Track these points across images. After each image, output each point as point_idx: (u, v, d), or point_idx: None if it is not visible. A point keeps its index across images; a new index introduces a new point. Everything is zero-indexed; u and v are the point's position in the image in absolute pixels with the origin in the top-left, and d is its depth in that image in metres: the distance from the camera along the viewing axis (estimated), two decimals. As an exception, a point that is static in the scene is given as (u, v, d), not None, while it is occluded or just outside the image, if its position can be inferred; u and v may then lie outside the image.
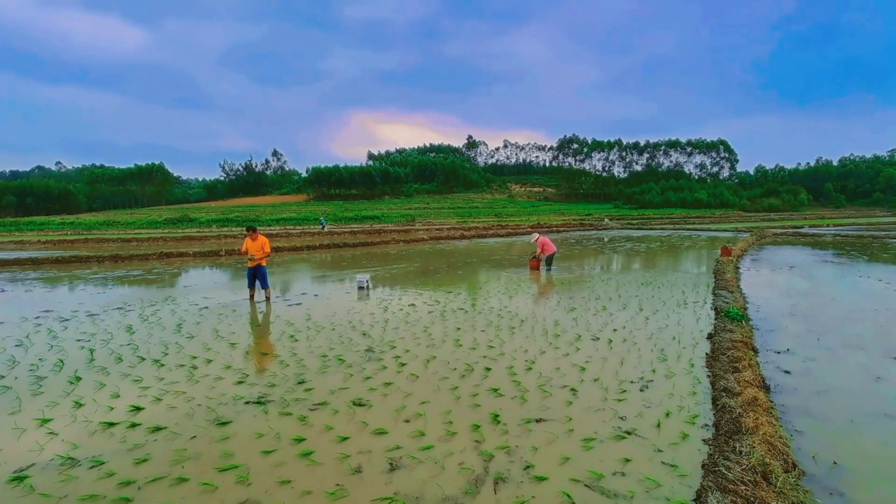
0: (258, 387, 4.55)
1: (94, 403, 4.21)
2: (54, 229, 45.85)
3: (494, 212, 65.09)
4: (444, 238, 27.65)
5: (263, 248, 8.94)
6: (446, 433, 3.56)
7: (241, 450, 3.35)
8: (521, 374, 4.82)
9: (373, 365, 5.13)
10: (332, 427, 3.67)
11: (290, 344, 6.02)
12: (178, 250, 21.28)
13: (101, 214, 67.96)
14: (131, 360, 5.47)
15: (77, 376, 4.91)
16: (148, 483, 2.95)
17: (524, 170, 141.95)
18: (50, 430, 3.69)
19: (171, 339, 6.36)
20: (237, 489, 2.88)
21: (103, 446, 3.43)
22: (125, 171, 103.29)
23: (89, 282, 12.73)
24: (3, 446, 3.45)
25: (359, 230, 35.16)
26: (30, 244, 29.09)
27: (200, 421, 3.82)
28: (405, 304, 8.38)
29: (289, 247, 21.71)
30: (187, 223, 50.00)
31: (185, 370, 5.06)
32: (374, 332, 6.47)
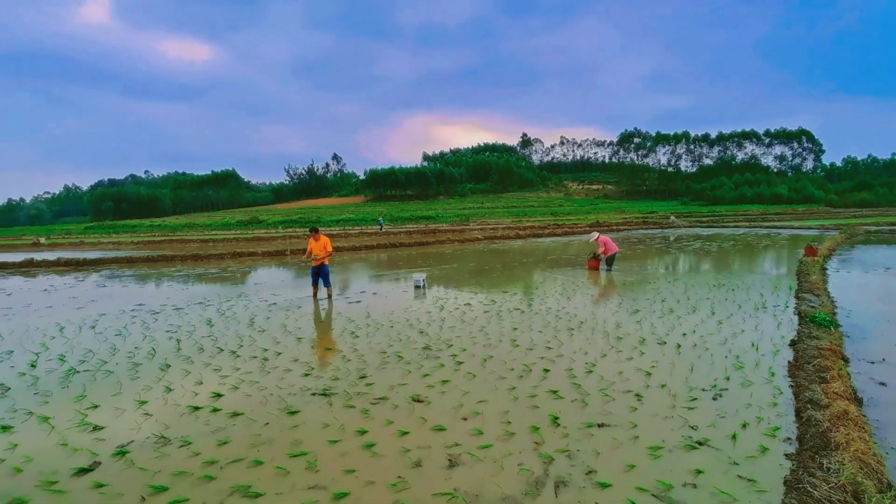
0: (323, 379, 4.78)
1: (181, 389, 4.63)
2: (145, 231, 50.83)
3: (550, 210, 63.71)
4: (498, 238, 27.49)
5: (325, 248, 9.36)
6: (505, 433, 3.55)
7: (309, 438, 3.54)
8: (580, 376, 4.69)
9: (430, 362, 5.22)
10: (393, 421, 3.78)
11: (351, 340, 6.27)
12: (248, 250, 22.82)
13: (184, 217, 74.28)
14: (211, 350, 5.95)
15: (167, 364, 5.42)
16: (229, 463, 3.20)
17: (582, 167, 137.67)
18: (146, 411, 4.11)
19: (245, 332, 6.84)
20: (307, 475, 3.05)
21: (190, 428, 3.76)
22: (203, 178, 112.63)
23: (174, 279, 13.99)
24: (108, 424, 3.89)
25: (414, 230, 35.83)
26: (125, 245, 32.47)
27: (273, 409, 4.08)
28: (461, 304, 8.44)
29: (348, 247, 22.56)
30: (256, 224, 53.51)
31: (258, 361, 5.42)
32: (431, 331, 6.57)
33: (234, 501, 2.78)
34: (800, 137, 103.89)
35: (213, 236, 37.66)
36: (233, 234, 41.08)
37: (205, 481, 3.00)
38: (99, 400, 4.40)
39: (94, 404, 4.30)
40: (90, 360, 5.65)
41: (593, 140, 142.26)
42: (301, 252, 21.16)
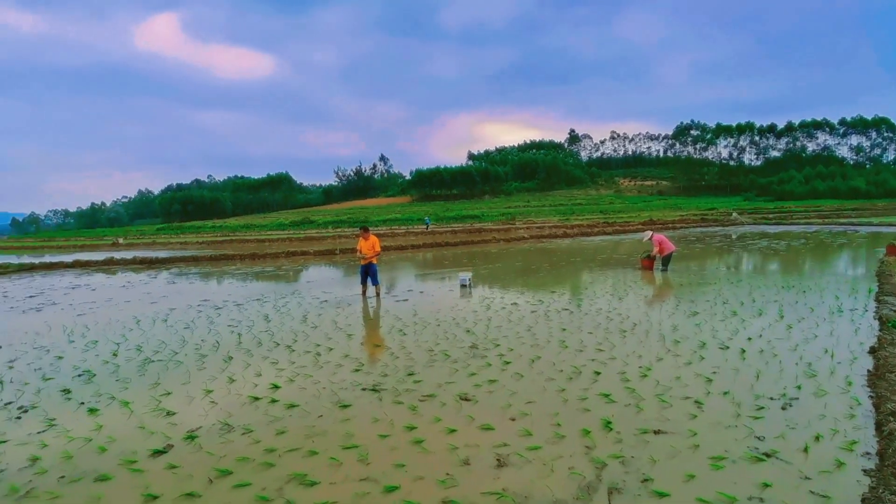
0: (373, 375, 4.91)
1: (242, 379, 4.91)
2: (208, 231, 54.31)
3: (600, 208, 61.72)
4: (545, 237, 27.00)
5: (374, 248, 9.59)
6: (554, 435, 3.49)
7: (361, 431, 3.65)
8: (634, 380, 4.52)
9: (477, 361, 5.22)
10: (441, 419, 3.82)
11: (399, 338, 6.38)
12: (300, 249, 23.80)
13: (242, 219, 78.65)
14: (269, 344, 6.27)
15: (229, 356, 5.77)
16: (286, 452, 3.36)
17: (634, 162, 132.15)
18: (212, 399, 4.40)
19: (298, 328, 7.15)
20: (358, 466, 3.15)
21: (251, 417, 3.99)
22: (259, 181, 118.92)
23: (234, 276, 14.86)
24: (179, 410, 4.20)
25: (459, 229, 35.92)
26: (190, 244, 34.85)
27: (326, 402, 4.24)
28: (507, 303, 8.37)
29: (395, 246, 22.98)
30: (308, 225, 55.71)
31: (311, 356, 5.65)
32: (478, 330, 6.57)
33: (291, 488, 2.92)
34: (879, 126, 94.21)
35: (268, 236, 39.62)
36: (286, 233, 43.01)
37: (265, 468, 3.17)
38: (171, 387, 4.76)
39: (166, 391, 4.66)
40: (163, 351, 6.12)
41: (646, 134, 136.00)
42: (350, 251, 21.83)
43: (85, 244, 41.02)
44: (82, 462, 3.35)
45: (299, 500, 2.78)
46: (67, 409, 4.31)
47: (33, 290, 13.16)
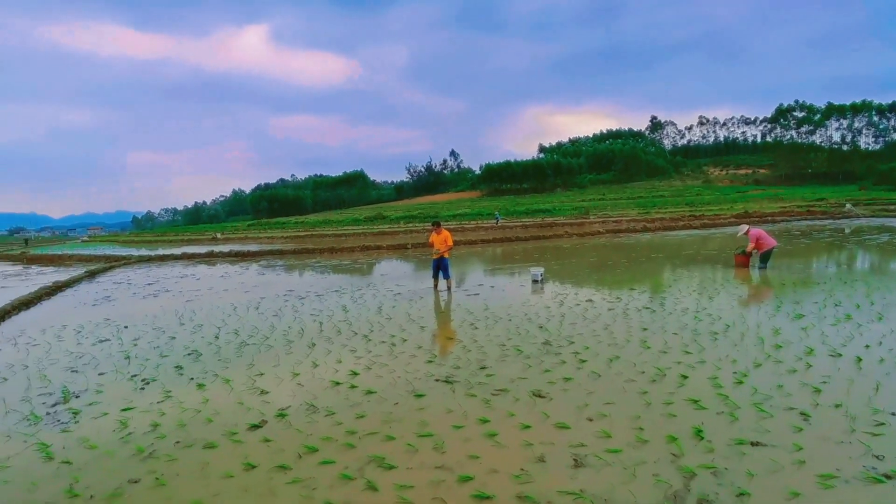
0: (445, 367, 4.99)
1: (325, 365, 5.24)
2: (291, 227, 58.38)
3: (686, 200, 57.21)
4: (622, 231, 25.65)
5: (446, 242, 9.71)
6: (636, 439, 3.31)
7: (435, 421, 3.73)
8: (728, 387, 4.15)
9: (551, 358, 5.09)
10: (514, 414, 3.79)
11: (470, 331, 6.42)
12: (374, 244, 24.77)
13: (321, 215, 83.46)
14: (347, 333, 6.61)
15: (313, 342, 6.17)
16: (366, 435, 3.53)
17: (725, 149, 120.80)
18: (299, 382, 4.74)
19: (374, 318, 7.46)
20: (433, 454, 3.22)
21: (333, 400, 4.24)
22: (336, 179, 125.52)
23: (315, 269, 15.85)
24: (271, 389, 4.57)
25: (530, 224, 35.25)
26: (276, 239, 37.70)
27: (401, 391, 4.39)
28: (582, 300, 8.07)
29: (464, 240, 23.11)
30: (381, 220, 57.79)
31: (387, 346, 5.87)
32: (551, 326, 6.41)
33: (371, 469, 3.06)
34: None
35: (344, 231, 41.76)
36: (361, 229, 45.02)
37: (347, 448, 3.35)
38: (263, 369, 5.20)
39: (260, 372, 5.09)
40: (256, 335, 6.69)
41: (740, 118, 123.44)
42: (421, 246, 22.31)
43: (190, 239, 46.05)
44: (193, 430, 3.77)
45: (379, 481, 2.91)
46: (180, 384, 4.88)
47: (150, 279, 15.05)
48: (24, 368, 5.70)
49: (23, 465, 3.38)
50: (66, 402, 4.50)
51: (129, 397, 4.56)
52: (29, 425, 4.04)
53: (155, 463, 3.30)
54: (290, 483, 2.95)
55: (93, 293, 12.38)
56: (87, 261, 24.27)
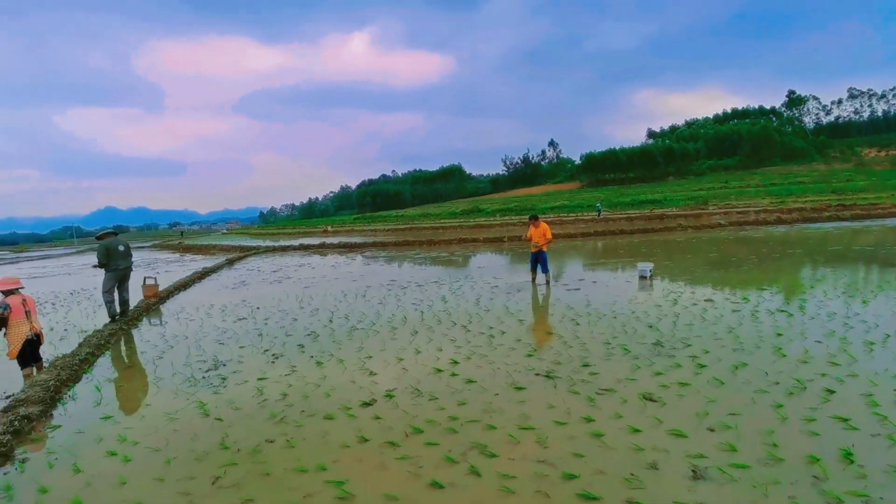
0: (545, 362, 4.90)
1: (426, 352, 5.46)
2: (392, 221, 61.49)
3: (831, 187, 48.60)
4: (749, 223, 22.75)
5: (545, 235, 9.47)
6: (768, 456, 2.94)
7: (536, 415, 3.69)
8: (887, 406, 3.48)
9: (663, 361, 4.73)
10: (622, 416, 3.59)
11: (571, 327, 6.21)
12: (471, 237, 25.07)
13: (419, 209, 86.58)
14: (447, 323, 6.81)
15: (415, 330, 6.47)
16: (468, 422, 3.62)
17: (885, 126, 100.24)
18: (403, 367, 5.02)
19: (472, 310, 7.57)
20: (536, 448, 3.19)
21: (435, 386, 4.41)
22: (433, 173, 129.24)
23: (415, 260, 16.54)
24: (379, 371, 4.90)
25: (636, 216, 32.86)
26: (379, 232, 40.03)
27: (501, 382, 4.41)
28: (700, 299, 7.33)
29: (563, 234, 22.33)
30: (477, 213, 58.24)
31: (486, 337, 5.93)
32: (663, 326, 5.93)
33: (473, 455, 3.14)
34: None
35: (441, 224, 42.89)
36: (457, 222, 45.84)
37: (449, 433, 3.47)
38: (372, 352, 5.59)
39: (368, 355, 5.49)
40: (364, 321, 7.21)
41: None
42: (518, 239, 22.07)
43: (305, 231, 50.97)
44: (315, 402, 4.20)
45: (482, 467, 2.97)
46: (303, 360, 5.46)
47: (275, 267, 16.99)
48: (185, 339, 6.83)
49: (187, 417, 4.06)
50: (216, 369, 5.31)
51: (263, 369, 5.23)
52: (190, 386, 4.84)
53: (285, 427, 3.75)
54: (399, 459, 3.15)
55: (232, 278, 14.36)
56: (226, 251, 28.21)
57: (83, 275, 19.23)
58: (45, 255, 46.11)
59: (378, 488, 2.83)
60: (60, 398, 4.69)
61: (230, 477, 3.07)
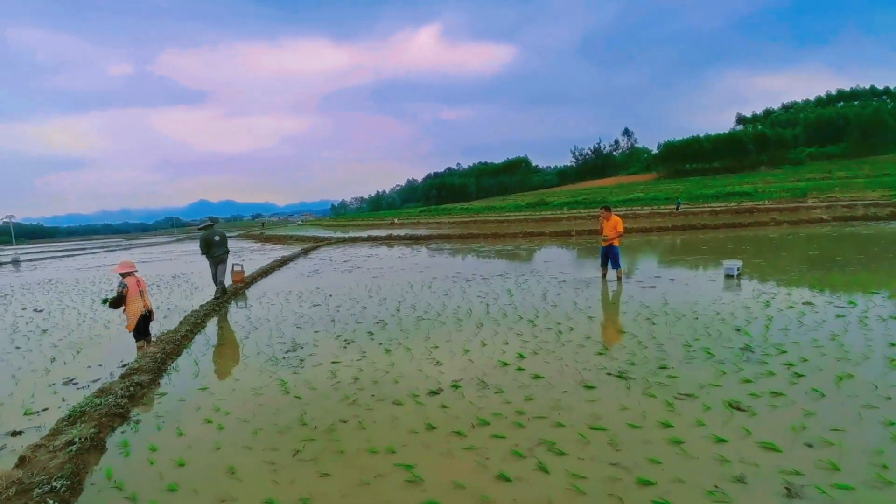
0: (618, 362, 4.68)
1: (492, 345, 5.45)
2: (456, 213, 61.89)
3: (962, 178, 41.55)
4: (856, 218, 20.13)
5: (616, 228, 9.03)
6: (877, 478, 2.60)
7: (607, 415, 3.54)
8: None
9: (753, 367, 4.33)
10: (704, 424, 3.34)
11: (647, 326, 5.88)
12: (537, 230, 24.55)
13: (484, 201, 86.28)
14: (513, 317, 6.74)
15: (480, 323, 6.48)
16: (535, 418, 3.57)
17: None
18: (469, 358, 5.04)
19: (539, 304, 7.42)
20: (607, 450, 3.07)
21: (501, 379, 4.39)
22: (498, 166, 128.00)
23: (479, 253, 16.53)
24: (445, 362, 4.97)
25: (721, 209, 30.29)
26: (443, 224, 40.43)
27: (570, 379, 4.29)
28: (797, 302, 6.62)
29: (637, 228, 21.18)
30: (543, 206, 56.90)
31: (553, 333, 5.79)
32: (753, 330, 5.42)
33: (541, 451, 3.09)
34: None
35: (506, 217, 42.43)
36: (523, 215, 45.08)
37: (516, 427, 3.44)
38: (438, 342, 5.68)
39: (435, 345, 5.58)
40: (430, 312, 7.35)
41: None
42: (587, 233, 21.29)
43: (373, 223, 52.84)
44: (384, 388, 4.36)
45: (550, 464, 2.91)
46: (372, 347, 5.68)
47: (345, 257, 17.81)
48: (266, 322, 7.38)
49: (270, 394, 4.40)
50: (294, 351, 5.68)
51: (336, 353, 5.51)
52: (272, 365, 5.22)
53: (357, 409, 3.93)
54: (466, 449, 3.18)
55: (307, 267, 15.27)
56: (301, 241, 30.03)
57: (181, 261, 21.46)
58: (151, 242, 52.03)
59: (445, 475, 2.88)
60: (166, 369, 5.28)
61: (308, 451, 3.28)
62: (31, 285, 15.01)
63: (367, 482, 2.88)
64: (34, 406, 4.51)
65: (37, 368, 5.72)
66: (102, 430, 3.64)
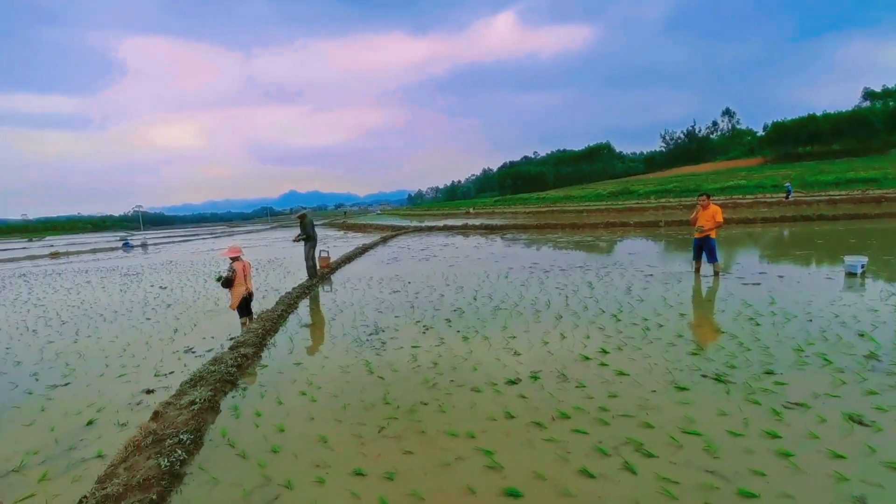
0: (715, 363, 4.32)
1: (572, 338, 5.29)
2: (532, 203, 60.57)
3: None
4: None
5: (714, 218, 8.26)
6: None
7: (703, 420, 3.29)
8: None
9: (880, 378, 3.76)
10: (818, 437, 2.98)
11: (749, 327, 5.34)
12: (620, 220, 23.28)
13: (562, 191, 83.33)
14: (594, 310, 6.48)
15: (559, 315, 6.32)
16: (620, 416, 3.42)
17: None
18: (548, 350, 4.95)
19: (623, 298, 7.06)
20: (702, 456, 2.86)
21: (583, 374, 4.25)
22: (578, 153, 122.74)
23: (557, 244, 16.06)
24: (523, 352, 4.93)
25: (841, 198, 26.44)
26: (519, 214, 39.80)
27: (658, 378, 4.04)
28: (942, 306, 5.62)
29: (737, 218, 19.24)
30: (627, 195, 53.62)
31: (639, 329, 5.48)
32: (881, 336, 4.70)
33: (628, 451, 2.95)
34: None
35: (586, 207, 40.67)
36: (604, 204, 42.89)
37: (599, 424, 3.32)
38: (515, 332, 5.64)
39: (512, 335, 5.55)
40: (507, 302, 7.30)
41: None
42: (677, 224, 19.78)
43: (448, 213, 53.49)
44: (462, 374, 4.43)
45: (638, 465, 2.78)
46: (450, 333, 5.79)
47: (422, 245, 18.26)
48: (350, 305, 7.83)
49: (356, 372, 4.67)
50: (377, 334, 5.98)
51: (415, 338, 5.70)
52: (357, 346, 5.54)
53: (437, 393, 4.05)
54: (546, 441, 3.14)
55: (386, 254, 15.91)
56: (380, 230, 31.31)
57: (275, 247, 23.44)
58: (250, 230, 57.41)
59: (526, 465, 2.87)
60: (266, 344, 5.83)
61: (392, 429, 3.45)
62: (156, 266, 17.32)
63: (447, 463, 2.96)
64: (162, 369, 5.23)
65: (163, 337, 6.61)
66: (217, 394, 4.12)
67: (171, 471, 2.91)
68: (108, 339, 6.73)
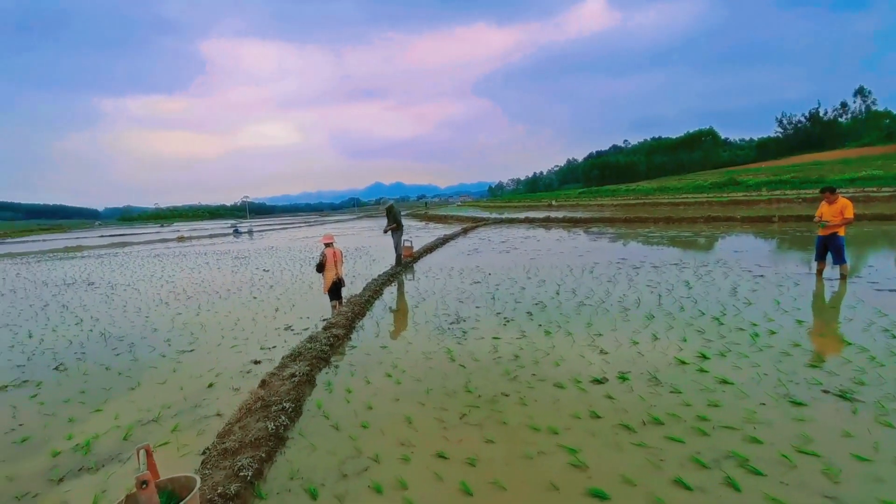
0: (840, 378, 3.77)
1: (666, 340, 4.94)
2: (622, 195, 57.18)
3: None
4: None
5: (842, 214, 7.17)
6: None
7: (822, 440, 2.90)
8: None
9: None
10: (983, 476, 2.48)
11: (884, 339, 4.58)
12: (724, 215, 21.16)
13: (655, 182, 77.57)
14: (692, 311, 5.98)
15: (651, 314, 5.92)
16: (721, 427, 3.13)
17: None
18: (638, 351, 4.67)
19: (726, 300, 6.43)
20: (820, 479, 2.52)
21: (678, 379, 3.95)
22: (676, 141, 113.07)
23: (648, 239, 15.02)
24: (610, 351, 4.71)
25: None
26: (606, 207, 37.82)
27: (769, 391, 3.63)
28: None
29: (871, 214, 16.53)
30: (733, 187, 48.42)
31: (746, 335, 4.95)
32: None
33: (730, 465, 2.70)
34: None
35: (683, 199, 37.45)
36: (704, 197, 39.15)
37: (697, 433, 3.07)
38: (601, 330, 5.40)
39: (598, 333, 5.32)
40: (592, 297, 7.01)
41: None
42: (794, 219, 17.53)
43: (529, 205, 52.43)
44: (545, 369, 4.35)
45: (742, 482, 2.53)
46: (531, 327, 5.71)
47: (502, 238, 18.13)
48: (432, 294, 8.03)
49: (438, 359, 4.80)
50: (458, 323, 6.08)
51: (496, 329, 5.71)
52: (439, 333, 5.68)
53: (518, 385, 4.02)
54: (636, 445, 2.98)
55: (466, 246, 16.05)
56: (461, 221, 31.64)
57: (362, 236, 24.76)
58: (339, 220, 61.21)
59: (613, 468, 2.75)
60: (355, 327, 6.21)
61: (474, 416, 3.50)
62: (260, 251, 19.19)
63: (529, 456, 2.94)
64: (266, 343, 5.81)
65: (267, 315, 7.33)
66: (313, 369, 4.49)
67: (277, 434, 3.23)
68: (223, 313, 7.62)
